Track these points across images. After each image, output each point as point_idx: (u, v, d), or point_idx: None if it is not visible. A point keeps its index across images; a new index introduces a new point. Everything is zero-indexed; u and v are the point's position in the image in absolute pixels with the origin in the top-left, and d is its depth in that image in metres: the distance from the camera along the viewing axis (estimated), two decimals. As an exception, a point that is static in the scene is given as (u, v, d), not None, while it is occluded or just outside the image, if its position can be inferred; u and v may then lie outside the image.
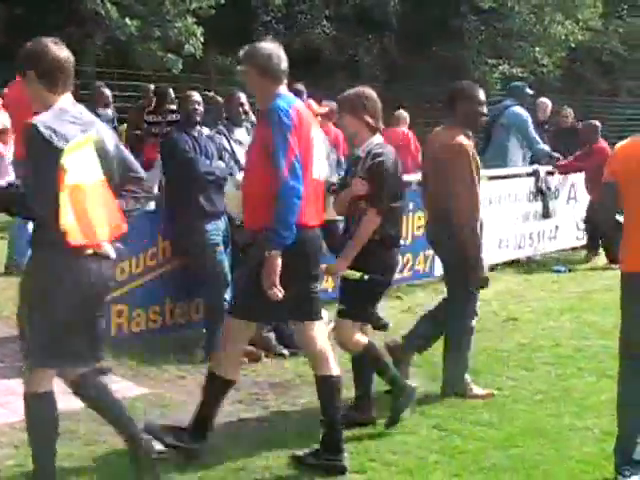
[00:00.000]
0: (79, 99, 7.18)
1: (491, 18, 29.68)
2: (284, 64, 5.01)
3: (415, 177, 11.95)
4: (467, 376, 6.43)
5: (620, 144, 5.07)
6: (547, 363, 7.21)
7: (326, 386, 5.23)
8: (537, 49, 30.65)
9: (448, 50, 28.84)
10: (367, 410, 5.93)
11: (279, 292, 4.82)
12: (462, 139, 6.16)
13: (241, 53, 5.06)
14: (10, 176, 14.87)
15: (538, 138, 11.91)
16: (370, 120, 5.63)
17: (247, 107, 7.55)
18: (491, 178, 11.48)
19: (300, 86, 10.45)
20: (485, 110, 6.43)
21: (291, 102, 4.94)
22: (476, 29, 29.88)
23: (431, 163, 6.41)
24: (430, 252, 9.91)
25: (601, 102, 29.21)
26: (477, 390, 6.41)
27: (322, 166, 5.18)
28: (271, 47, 5.03)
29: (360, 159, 5.64)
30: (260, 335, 7.27)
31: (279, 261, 4.79)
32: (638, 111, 31.78)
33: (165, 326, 7.27)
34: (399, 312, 8.91)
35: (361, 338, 5.86)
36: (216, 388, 5.28)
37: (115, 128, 13.65)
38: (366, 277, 5.62)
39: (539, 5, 30.08)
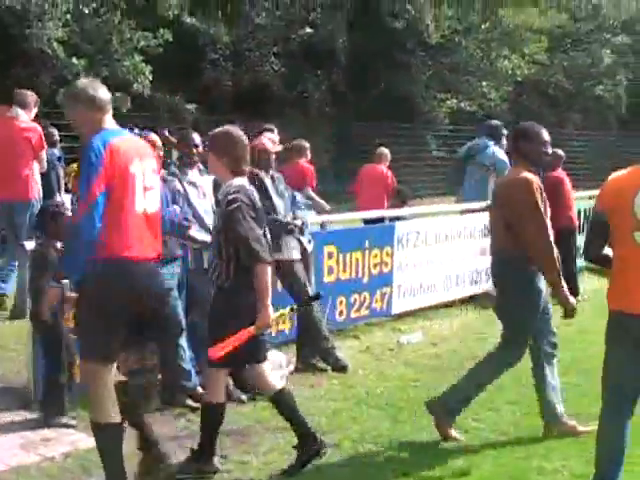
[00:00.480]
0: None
1: (438, 53, 29.92)
2: (107, 95, 5.13)
3: (388, 213, 11.89)
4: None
5: (614, 175, 4.93)
6: (511, 402, 7.07)
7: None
8: (484, 83, 30.94)
9: (397, 85, 28.98)
10: (314, 442, 5.70)
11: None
12: (527, 174, 6.16)
13: (60, 98, 5.21)
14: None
15: None
16: (230, 163, 5.60)
17: (201, 148, 7.37)
18: (446, 213, 11.49)
19: (269, 126, 10.42)
20: (549, 149, 6.44)
21: (107, 139, 4.94)
22: (424, 64, 30.09)
23: (500, 201, 6.30)
24: (387, 290, 9.83)
25: (548, 135, 29.39)
26: (452, 432, 6.25)
27: (151, 199, 5.15)
28: (90, 81, 5.28)
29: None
30: (217, 380, 7.09)
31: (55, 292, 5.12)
32: (584, 143, 32.19)
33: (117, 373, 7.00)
34: (357, 352, 8.78)
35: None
36: (113, 437, 5.11)
37: (62, 168, 13.42)
38: (295, 306, 5.77)
39: (485, 40, 30.41)
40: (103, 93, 5.09)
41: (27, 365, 6.75)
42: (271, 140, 8.09)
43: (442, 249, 10.59)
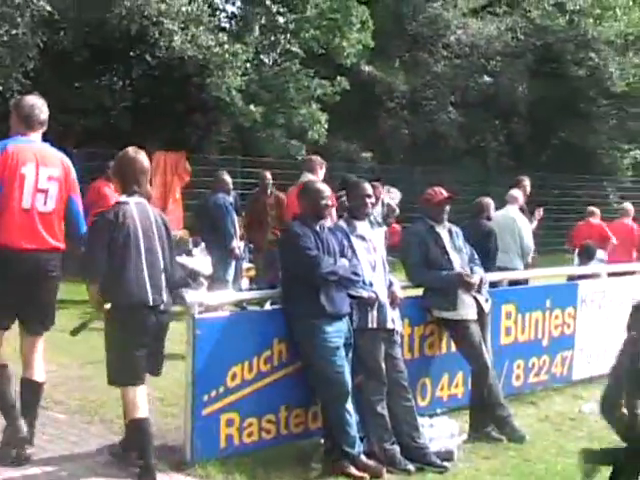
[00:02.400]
0: (202, 186, 7.13)
1: (623, 102, 28.79)
2: (41, 116, 6.13)
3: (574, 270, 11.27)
4: None
5: None
6: None
7: None
8: (672, 132, 29.60)
9: (577, 135, 28.07)
10: None
11: None
12: None
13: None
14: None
15: None
16: (120, 183, 6.07)
17: (373, 199, 6.99)
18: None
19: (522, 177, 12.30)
20: None
21: (7, 144, 5.95)
22: (606, 113, 29.08)
23: None
24: (568, 353, 9.16)
25: None
26: None
27: (42, 200, 5.98)
28: (34, 98, 6.24)
29: None
30: (382, 448, 6.62)
31: None
32: None
33: (280, 436, 6.65)
34: (535, 421, 8.11)
35: None
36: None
37: (236, 212, 13.43)
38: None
39: (674, 88, 29.09)
40: (38, 113, 6.08)
41: (185, 421, 6.42)
42: (438, 191, 7.60)
43: (629, 310, 9.80)
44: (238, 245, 12.93)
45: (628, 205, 15.37)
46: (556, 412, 8.41)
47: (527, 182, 12.23)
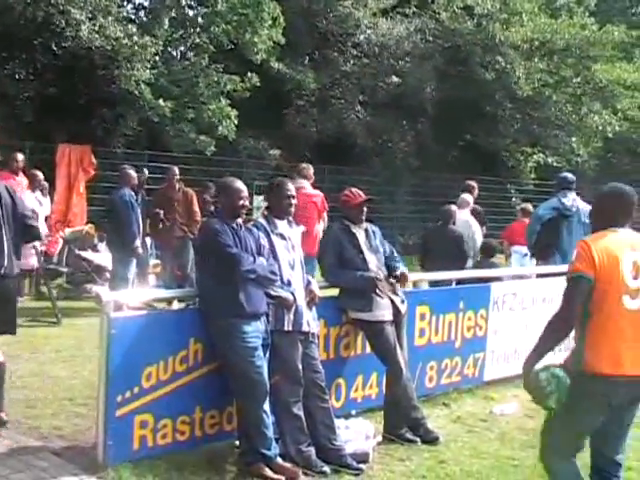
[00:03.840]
0: (107, 179, 7.12)
1: (527, 106, 29.24)
2: None
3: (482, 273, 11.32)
4: None
5: (598, 239, 4.98)
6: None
7: None
8: (573, 138, 30.16)
9: (483, 138, 28.45)
10: None
11: None
12: None
13: None
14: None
15: None
16: None
17: (295, 200, 6.89)
18: (541, 276, 10.79)
19: (471, 183, 13.69)
20: None
21: None
22: (512, 117, 29.46)
23: None
24: (480, 355, 9.20)
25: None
26: None
27: None
28: None
29: None
30: (298, 449, 6.53)
31: None
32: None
33: (194, 438, 6.50)
34: (448, 422, 8.11)
35: None
36: None
37: (146, 208, 13.27)
38: None
39: (576, 94, 29.66)
40: None
41: (97, 422, 6.23)
42: (356, 192, 7.54)
43: (539, 313, 9.89)
44: (140, 243, 12.70)
45: (528, 205, 15.77)
46: (468, 413, 8.43)
47: (475, 188, 13.73)
